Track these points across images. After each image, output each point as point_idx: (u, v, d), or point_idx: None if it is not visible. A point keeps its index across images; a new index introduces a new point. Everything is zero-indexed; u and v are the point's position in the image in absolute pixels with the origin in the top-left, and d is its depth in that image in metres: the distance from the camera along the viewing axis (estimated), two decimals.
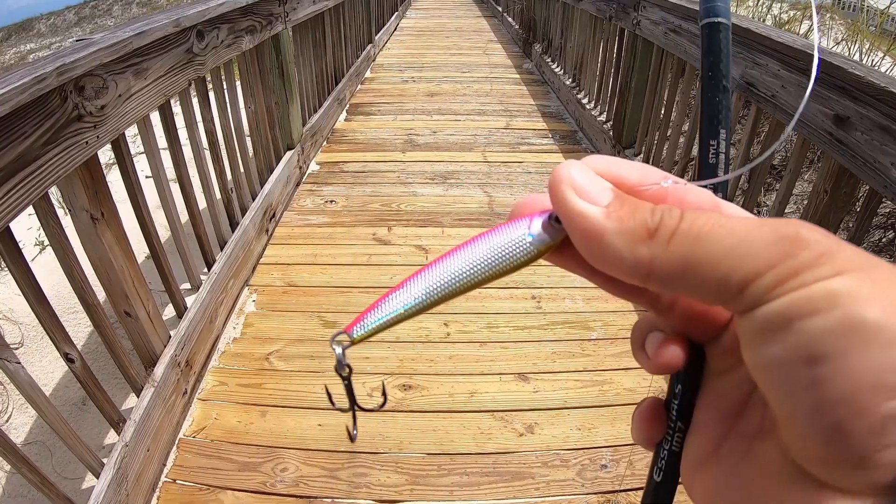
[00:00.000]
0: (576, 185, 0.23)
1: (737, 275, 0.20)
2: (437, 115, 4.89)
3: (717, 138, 0.30)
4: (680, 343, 0.25)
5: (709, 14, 0.30)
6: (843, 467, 0.19)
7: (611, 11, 3.72)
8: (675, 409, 0.28)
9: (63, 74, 1.20)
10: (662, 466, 0.29)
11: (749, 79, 2.03)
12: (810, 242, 0.20)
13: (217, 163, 2.38)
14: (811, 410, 0.19)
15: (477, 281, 0.25)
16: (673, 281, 0.22)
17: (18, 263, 1.19)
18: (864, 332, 0.18)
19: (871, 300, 0.18)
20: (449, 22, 10.32)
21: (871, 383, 0.18)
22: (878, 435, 0.18)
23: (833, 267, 0.19)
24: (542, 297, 2.50)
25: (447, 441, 1.83)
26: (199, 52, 1.99)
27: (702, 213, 0.22)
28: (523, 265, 0.25)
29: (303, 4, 3.41)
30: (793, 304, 0.19)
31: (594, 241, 0.23)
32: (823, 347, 0.18)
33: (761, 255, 0.20)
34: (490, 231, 0.25)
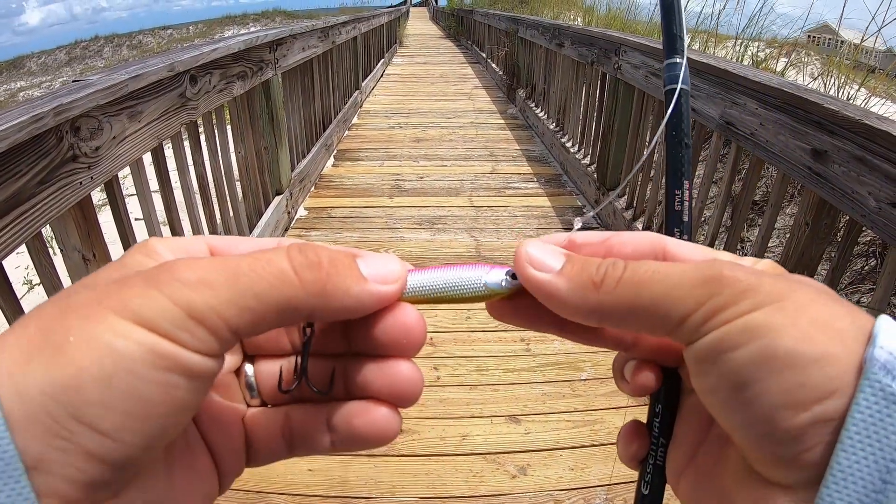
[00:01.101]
0: (532, 259, 0.27)
1: (674, 314, 0.24)
2: (423, 160, 4.94)
3: (681, 188, 0.36)
4: (651, 368, 0.30)
5: (671, 81, 0.36)
6: (777, 467, 0.23)
7: (592, 56, 3.82)
8: (656, 427, 0.31)
9: (60, 114, 1.21)
10: (649, 480, 0.32)
11: (728, 118, 2.08)
12: (731, 281, 0.23)
13: (207, 206, 2.38)
14: (744, 425, 0.23)
15: (433, 296, 0.30)
16: (624, 320, 0.26)
17: (10, 301, 1.18)
18: (778, 359, 0.22)
19: (783, 330, 0.22)
20: (434, 69, 10.52)
21: (787, 401, 0.22)
22: (797, 440, 0.22)
23: (753, 301, 0.23)
24: (531, 340, 2.49)
25: (440, 484, 1.80)
26: (192, 97, 2.02)
27: (642, 263, 0.26)
28: (476, 300, 0.30)
29: (292, 51, 3.47)
30: (719, 339, 0.23)
31: (553, 298, 0.27)
32: (746, 375, 0.22)
33: (691, 296, 0.24)
34: (458, 265, 0.30)
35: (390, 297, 0.27)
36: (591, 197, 3.88)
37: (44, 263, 1.29)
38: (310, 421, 0.29)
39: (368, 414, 0.28)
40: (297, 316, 0.25)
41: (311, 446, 0.29)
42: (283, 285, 0.24)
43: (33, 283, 2.99)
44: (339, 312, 0.26)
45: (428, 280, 0.29)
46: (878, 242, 2.50)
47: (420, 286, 0.29)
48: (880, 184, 1.38)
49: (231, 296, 0.22)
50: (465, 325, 2.57)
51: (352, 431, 0.28)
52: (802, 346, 0.22)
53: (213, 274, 0.23)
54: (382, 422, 0.28)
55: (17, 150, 1.12)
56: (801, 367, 0.21)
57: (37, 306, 0.22)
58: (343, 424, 0.29)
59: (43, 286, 1.38)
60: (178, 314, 0.21)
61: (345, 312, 0.26)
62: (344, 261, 0.26)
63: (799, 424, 0.21)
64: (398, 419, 0.28)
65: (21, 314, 1.22)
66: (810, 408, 0.21)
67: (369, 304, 0.27)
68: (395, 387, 0.28)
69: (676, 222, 0.36)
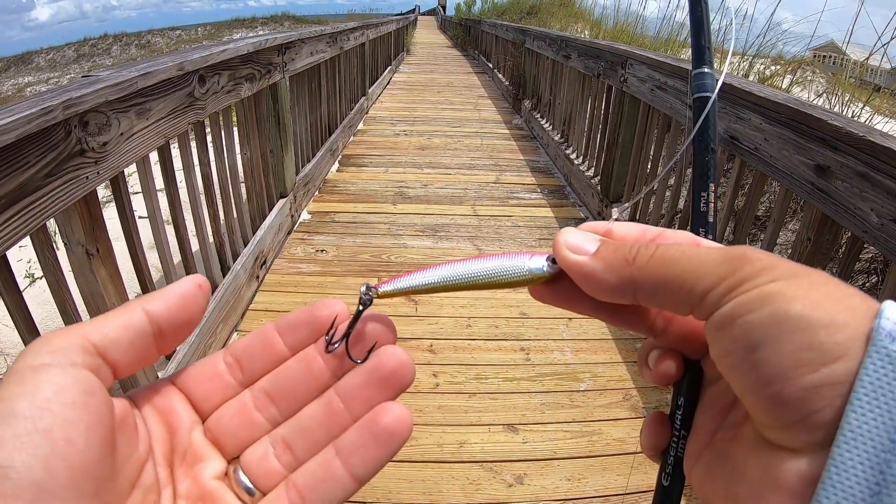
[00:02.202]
0: (569, 244, 0.31)
1: (698, 287, 0.26)
2: (428, 168, 4.95)
3: (707, 191, 0.38)
4: (674, 357, 0.32)
5: (700, 90, 0.40)
6: (787, 430, 0.23)
7: (599, 69, 3.84)
8: (678, 420, 0.32)
9: (69, 108, 1.22)
10: (669, 472, 0.33)
11: (732, 133, 2.09)
12: (753, 260, 0.25)
13: (211, 206, 2.39)
14: (755, 387, 0.24)
15: (481, 282, 0.32)
16: (654, 295, 0.28)
17: (12, 292, 1.19)
18: (789, 322, 0.23)
19: (794, 298, 0.23)
20: (441, 77, 10.56)
21: (796, 361, 0.23)
22: (806, 402, 0.22)
23: (770, 276, 0.24)
24: (530, 349, 2.49)
25: (436, 491, 1.79)
26: (200, 97, 2.03)
27: (672, 245, 0.28)
28: (519, 284, 0.32)
29: (301, 55, 3.48)
30: (736, 305, 0.25)
31: (589, 279, 0.30)
32: (758, 336, 0.24)
33: (715, 272, 0.26)
34: (503, 254, 0.33)
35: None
36: (595, 209, 3.89)
37: (47, 256, 1.29)
38: (318, 469, 0.31)
39: (380, 410, 0.31)
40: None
41: (331, 491, 0.30)
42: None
43: (35, 277, 2.99)
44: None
45: (474, 269, 0.32)
46: (879, 259, 2.50)
47: (467, 274, 0.32)
48: (882, 200, 1.39)
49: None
50: (466, 333, 2.57)
51: (375, 428, 0.30)
52: (813, 312, 0.23)
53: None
54: (393, 414, 0.30)
55: (26, 142, 1.13)
56: (811, 331, 0.23)
57: None
58: (362, 432, 0.31)
59: (46, 280, 1.38)
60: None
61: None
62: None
63: (807, 385, 0.22)
64: (405, 409, 0.31)
65: (24, 306, 1.23)
66: (819, 369, 0.22)
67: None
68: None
69: (702, 223, 0.38)
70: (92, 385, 0.26)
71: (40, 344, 0.26)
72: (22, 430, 0.23)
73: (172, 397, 0.32)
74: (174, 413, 0.32)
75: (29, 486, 0.22)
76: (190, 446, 0.32)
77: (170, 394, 0.32)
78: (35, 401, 0.23)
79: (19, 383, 0.24)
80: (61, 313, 1.39)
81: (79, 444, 0.24)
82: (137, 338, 0.29)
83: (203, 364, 0.33)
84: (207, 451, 0.32)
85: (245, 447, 0.32)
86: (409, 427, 0.30)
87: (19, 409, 0.23)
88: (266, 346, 0.33)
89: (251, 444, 0.32)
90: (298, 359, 0.33)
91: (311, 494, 0.30)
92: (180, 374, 0.33)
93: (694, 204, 0.38)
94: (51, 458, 0.23)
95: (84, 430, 0.24)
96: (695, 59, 0.41)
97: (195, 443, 0.32)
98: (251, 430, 0.32)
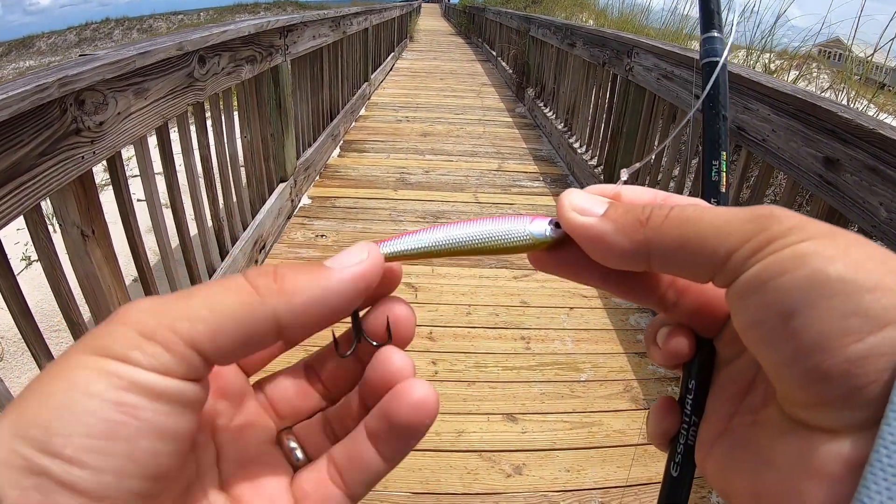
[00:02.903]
0: (575, 205, 0.28)
1: (721, 248, 0.23)
2: (429, 154, 4.93)
3: (718, 159, 0.36)
4: (686, 334, 0.29)
5: (709, 55, 0.37)
6: (826, 408, 0.21)
7: (604, 57, 3.80)
8: (689, 405, 0.30)
9: (65, 86, 1.19)
10: (679, 461, 0.30)
11: (739, 123, 2.06)
12: (781, 218, 0.22)
13: (210, 190, 2.36)
14: (791, 359, 0.21)
15: (478, 245, 0.30)
16: (670, 258, 0.25)
17: (5, 275, 1.16)
18: (829, 284, 0.20)
19: (833, 258, 0.21)
20: (444, 64, 10.51)
21: (839, 330, 0.20)
22: (851, 375, 0.20)
23: (802, 234, 0.22)
24: (531, 338, 2.48)
25: (433, 480, 1.78)
26: (200, 78, 2.00)
27: (689, 205, 0.26)
28: (518, 250, 0.30)
29: (303, 38, 3.45)
30: (766, 267, 0.22)
31: (598, 242, 0.27)
32: (794, 301, 0.21)
33: (740, 231, 0.23)
34: (500, 216, 0.30)
35: (363, 276, 0.26)
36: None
37: (41, 237, 1.27)
38: (353, 448, 0.28)
39: (401, 395, 0.27)
40: (262, 325, 0.24)
41: (363, 471, 0.28)
42: (235, 293, 0.24)
43: (31, 260, 2.98)
44: (311, 307, 0.25)
45: (471, 232, 0.30)
46: None
47: (463, 238, 0.30)
48: (892, 194, 1.37)
49: (183, 312, 0.23)
50: (465, 321, 2.55)
51: (392, 420, 0.27)
52: (856, 274, 0.20)
53: (167, 299, 0.23)
54: (418, 396, 0.27)
55: (20, 120, 1.10)
56: (854, 295, 0.20)
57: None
58: (381, 422, 0.28)
59: (40, 262, 1.36)
60: (130, 336, 0.22)
61: (319, 305, 0.25)
62: (302, 265, 0.26)
63: (852, 356, 0.20)
64: (430, 388, 0.28)
65: (17, 289, 1.21)
66: (865, 338, 0.19)
67: (339, 287, 0.26)
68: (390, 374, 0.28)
69: (714, 192, 0.36)
70: (191, 396, 0.23)
71: (134, 338, 0.22)
72: (99, 431, 0.20)
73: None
74: (226, 375, 0.30)
75: (93, 485, 0.20)
76: (240, 409, 0.30)
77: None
78: (121, 404, 0.21)
79: (104, 374, 0.21)
80: (55, 295, 1.37)
81: (162, 458, 0.22)
82: (254, 354, 0.25)
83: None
84: (261, 416, 0.31)
85: (299, 418, 0.31)
86: (429, 412, 0.27)
87: (98, 406, 0.20)
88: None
89: (304, 417, 0.31)
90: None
91: (347, 472, 0.28)
92: None
93: (705, 173, 0.36)
94: (127, 467, 0.21)
95: (172, 444, 0.22)
96: (703, 24, 0.39)
97: (247, 407, 0.31)
98: (307, 401, 0.31)
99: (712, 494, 1.76)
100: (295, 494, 0.28)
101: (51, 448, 0.20)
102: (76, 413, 0.20)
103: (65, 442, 0.20)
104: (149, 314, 0.22)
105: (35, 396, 0.21)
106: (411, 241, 0.30)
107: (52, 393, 0.21)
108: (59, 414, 0.20)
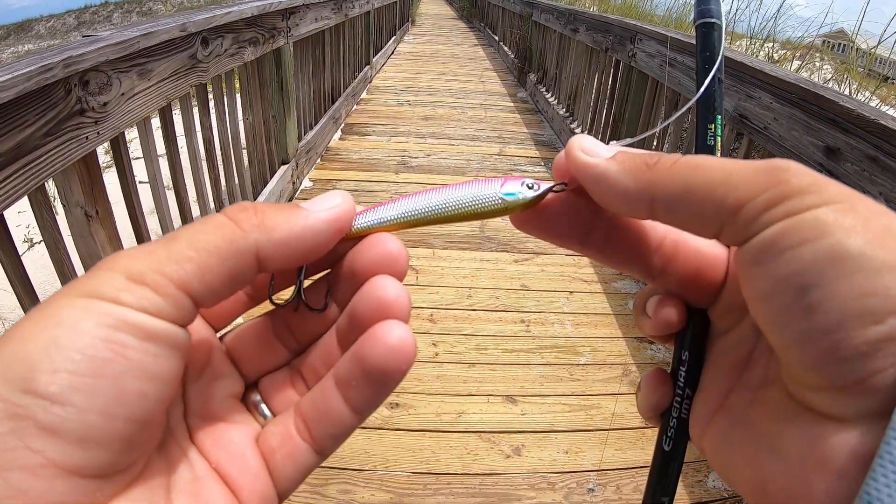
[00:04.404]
0: (584, 147, 0.27)
1: (731, 198, 0.22)
2: (431, 138, 4.92)
3: (713, 122, 0.34)
4: (675, 303, 0.28)
5: (703, 15, 0.35)
6: (839, 393, 0.20)
7: (607, 43, 3.79)
8: (682, 377, 0.29)
9: (69, 66, 1.19)
10: (672, 435, 0.29)
11: (742, 111, 2.06)
12: (799, 173, 0.21)
13: (213, 171, 2.37)
14: (804, 338, 0.20)
15: (452, 213, 0.29)
16: (674, 205, 0.24)
17: (10, 254, 1.17)
18: (850, 260, 0.19)
19: (855, 231, 0.19)
20: (446, 48, 10.45)
21: (858, 309, 0.19)
22: (868, 359, 0.19)
23: (821, 196, 0.20)
24: (531, 321, 2.49)
25: (433, 460, 1.80)
26: (203, 59, 2.00)
27: (700, 155, 0.24)
28: (491, 214, 0.29)
29: (305, 21, 3.43)
30: (783, 232, 0.20)
31: (602, 181, 0.26)
32: (812, 276, 0.19)
33: (754, 181, 0.21)
34: (471, 181, 0.30)
35: (337, 218, 0.27)
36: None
37: (45, 217, 1.28)
38: (321, 399, 0.28)
39: (377, 336, 0.26)
40: (245, 259, 0.24)
41: (331, 424, 0.27)
42: (218, 230, 0.24)
43: (34, 242, 2.99)
44: (289, 242, 0.25)
45: (442, 200, 0.30)
46: None
47: (434, 207, 0.30)
48: (892, 184, 1.37)
49: (170, 255, 0.23)
50: (466, 304, 2.57)
51: (365, 364, 0.26)
52: (877, 250, 0.19)
53: (152, 245, 0.23)
54: (395, 338, 0.26)
55: (25, 100, 1.11)
56: (875, 273, 0.19)
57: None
58: (354, 365, 0.27)
59: (44, 242, 1.37)
60: (118, 279, 0.22)
61: (297, 241, 0.25)
62: (281, 204, 0.26)
63: (870, 339, 0.18)
64: (409, 331, 0.26)
65: (22, 269, 1.22)
66: (885, 319, 0.18)
67: (315, 226, 0.26)
68: (381, 300, 0.27)
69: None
70: (179, 340, 0.23)
71: (124, 280, 0.22)
72: (87, 368, 0.20)
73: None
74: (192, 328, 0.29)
75: (77, 427, 0.20)
76: (208, 364, 0.29)
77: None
78: (111, 341, 0.21)
79: (94, 313, 0.21)
80: (59, 275, 1.38)
81: (149, 401, 0.22)
82: (238, 291, 0.25)
83: None
84: (227, 370, 0.30)
85: (263, 372, 0.31)
86: (406, 357, 0.26)
87: (88, 343, 0.20)
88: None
89: (269, 371, 0.31)
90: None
91: (314, 425, 0.27)
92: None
93: (699, 137, 0.35)
94: (113, 408, 0.20)
95: (159, 387, 0.22)
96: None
97: (214, 361, 0.29)
98: (271, 355, 0.31)
99: (708, 479, 1.78)
100: (261, 449, 0.28)
101: (33, 386, 0.19)
102: (63, 349, 0.20)
103: (49, 379, 0.19)
104: (135, 260, 0.22)
105: (19, 334, 0.20)
106: (386, 212, 0.30)
107: (39, 331, 0.20)
108: (45, 349, 0.20)
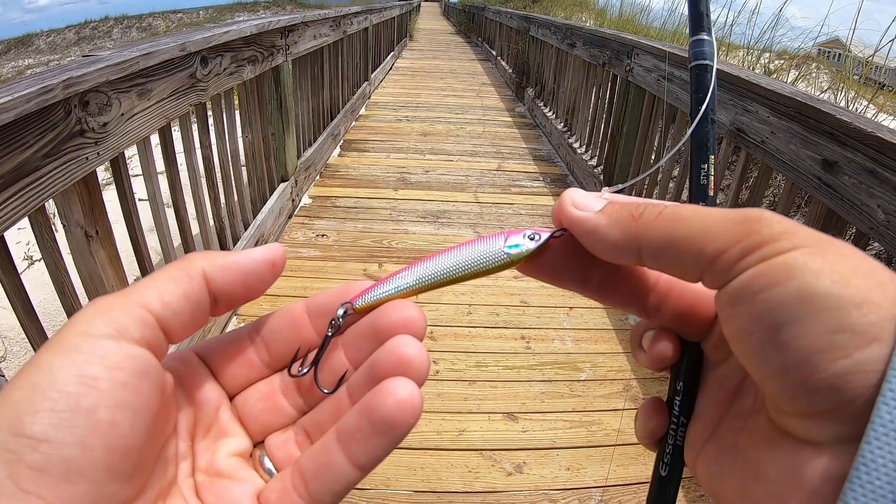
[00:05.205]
0: (575, 202, 0.29)
1: (710, 248, 0.24)
2: (430, 154, 4.93)
3: (706, 162, 0.36)
4: (670, 338, 0.30)
5: (697, 57, 0.37)
6: (813, 422, 0.21)
7: (604, 58, 3.81)
8: (677, 406, 0.30)
9: (69, 88, 1.20)
10: (667, 461, 0.31)
11: (739, 125, 2.07)
12: (771, 222, 0.23)
13: (212, 189, 2.37)
14: (779, 372, 0.22)
15: (461, 275, 0.30)
16: (660, 255, 0.26)
17: (10, 274, 1.17)
18: (819, 299, 0.21)
19: (823, 272, 0.21)
20: (444, 64, 10.51)
21: (827, 344, 0.20)
22: (837, 389, 0.20)
23: (791, 242, 0.22)
24: (531, 338, 2.49)
25: (434, 479, 1.79)
26: (202, 78, 2.00)
27: (682, 205, 0.26)
28: (499, 269, 0.30)
29: (304, 39, 3.46)
30: (757, 276, 0.22)
31: (593, 234, 0.28)
32: (783, 315, 0.21)
33: (729, 232, 0.23)
34: (475, 240, 0.31)
35: (270, 250, 0.30)
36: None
37: (45, 238, 1.28)
38: (321, 454, 0.28)
39: (388, 390, 0.28)
40: (195, 281, 0.28)
41: (331, 478, 0.28)
42: (172, 265, 0.28)
43: (34, 259, 2.98)
44: (228, 267, 0.29)
45: (450, 264, 0.31)
46: (884, 256, 2.49)
47: (444, 271, 0.31)
48: (890, 196, 1.37)
49: (133, 287, 0.26)
50: (466, 321, 2.56)
51: (373, 415, 0.27)
52: (843, 290, 0.21)
53: (121, 291, 0.26)
54: (405, 392, 0.28)
55: (25, 122, 1.11)
56: (841, 311, 0.20)
57: None
58: (360, 417, 0.28)
59: (44, 262, 1.37)
60: (90, 313, 0.25)
61: (234, 265, 0.29)
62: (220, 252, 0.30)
63: (838, 372, 0.20)
64: (419, 390, 0.29)
65: (21, 288, 1.21)
66: (852, 354, 0.20)
67: (253, 255, 0.30)
68: (402, 358, 0.30)
69: (702, 196, 0.36)
70: (147, 365, 0.25)
71: (95, 312, 0.24)
72: (63, 405, 0.22)
73: (199, 371, 0.31)
74: (201, 387, 0.31)
75: (59, 462, 0.21)
76: (216, 422, 0.31)
77: (196, 367, 0.31)
78: (82, 376, 0.22)
79: (66, 353, 0.23)
80: (59, 295, 1.38)
81: (123, 428, 0.23)
82: (196, 309, 0.28)
83: (228, 340, 0.32)
84: (233, 429, 0.31)
85: (269, 432, 0.32)
86: (413, 412, 0.28)
87: (62, 382, 0.22)
88: (295, 329, 0.32)
89: (276, 430, 0.32)
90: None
91: (314, 481, 0.28)
92: (204, 345, 0.32)
93: (693, 177, 0.37)
94: (89, 438, 0.22)
95: (131, 414, 0.23)
96: (693, 26, 0.39)
97: (222, 420, 0.31)
98: (276, 415, 0.32)
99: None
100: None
101: (21, 429, 0.21)
102: (41, 390, 0.22)
103: (33, 420, 0.21)
104: (107, 297, 0.25)
105: (9, 386, 0.22)
106: (394, 284, 0.31)
107: (23, 378, 0.22)
108: (27, 394, 0.22)
